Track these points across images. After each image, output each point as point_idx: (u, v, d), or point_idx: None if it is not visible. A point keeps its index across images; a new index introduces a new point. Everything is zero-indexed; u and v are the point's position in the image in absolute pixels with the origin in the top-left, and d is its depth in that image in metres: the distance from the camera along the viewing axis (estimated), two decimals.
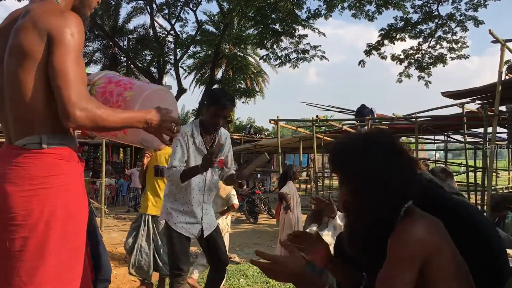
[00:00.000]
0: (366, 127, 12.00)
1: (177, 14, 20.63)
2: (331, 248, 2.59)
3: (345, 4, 14.53)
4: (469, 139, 13.64)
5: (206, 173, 3.33)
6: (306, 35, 15.40)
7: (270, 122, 12.91)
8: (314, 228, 2.85)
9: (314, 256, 1.78)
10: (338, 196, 1.65)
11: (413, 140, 18.36)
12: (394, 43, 15.43)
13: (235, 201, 5.81)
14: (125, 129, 1.71)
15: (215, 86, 21.71)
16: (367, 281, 1.60)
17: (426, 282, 1.42)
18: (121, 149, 21.87)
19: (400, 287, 1.40)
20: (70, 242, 1.61)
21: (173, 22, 20.65)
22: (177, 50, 21.48)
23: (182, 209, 3.32)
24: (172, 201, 3.35)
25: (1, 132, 2.09)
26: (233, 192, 5.75)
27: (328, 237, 2.67)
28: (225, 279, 4.22)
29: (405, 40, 15.41)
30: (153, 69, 22.62)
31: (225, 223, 5.71)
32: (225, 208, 5.71)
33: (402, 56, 15.95)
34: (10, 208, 1.54)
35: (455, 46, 15.51)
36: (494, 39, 8.57)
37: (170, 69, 23.58)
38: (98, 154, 14.50)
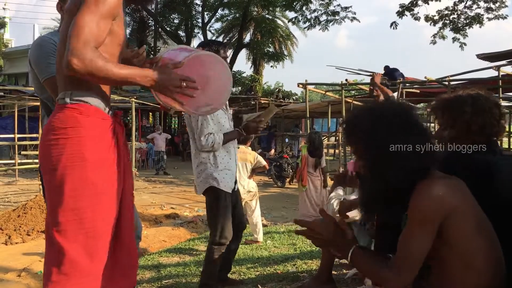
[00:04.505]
0: (396, 92, 11.73)
1: None
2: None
3: None
4: (504, 103, 13.21)
5: (233, 127, 3.39)
6: None
7: (298, 86, 12.73)
8: (340, 191, 2.87)
9: None
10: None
11: None
12: (428, 3, 14.78)
13: (264, 162, 6.05)
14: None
15: (243, 49, 21.36)
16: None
17: (444, 241, 1.45)
18: (150, 113, 22.11)
19: (417, 246, 1.45)
20: (89, 189, 1.73)
21: None
22: (205, 13, 21.33)
23: (223, 168, 3.24)
24: (213, 165, 3.23)
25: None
26: (259, 157, 5.85)
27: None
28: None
29: (440, 0, 14.76)
30: (181, 33, 22.56)
31: (254, 185, 5.76)
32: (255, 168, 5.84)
33: (436, 17, 15.32)
34: (40, 155, 1.82)
35: (492, 6, 14.77)
36: None
37: (198, 32, 23.50)
38: (128, 118, 14.71)
